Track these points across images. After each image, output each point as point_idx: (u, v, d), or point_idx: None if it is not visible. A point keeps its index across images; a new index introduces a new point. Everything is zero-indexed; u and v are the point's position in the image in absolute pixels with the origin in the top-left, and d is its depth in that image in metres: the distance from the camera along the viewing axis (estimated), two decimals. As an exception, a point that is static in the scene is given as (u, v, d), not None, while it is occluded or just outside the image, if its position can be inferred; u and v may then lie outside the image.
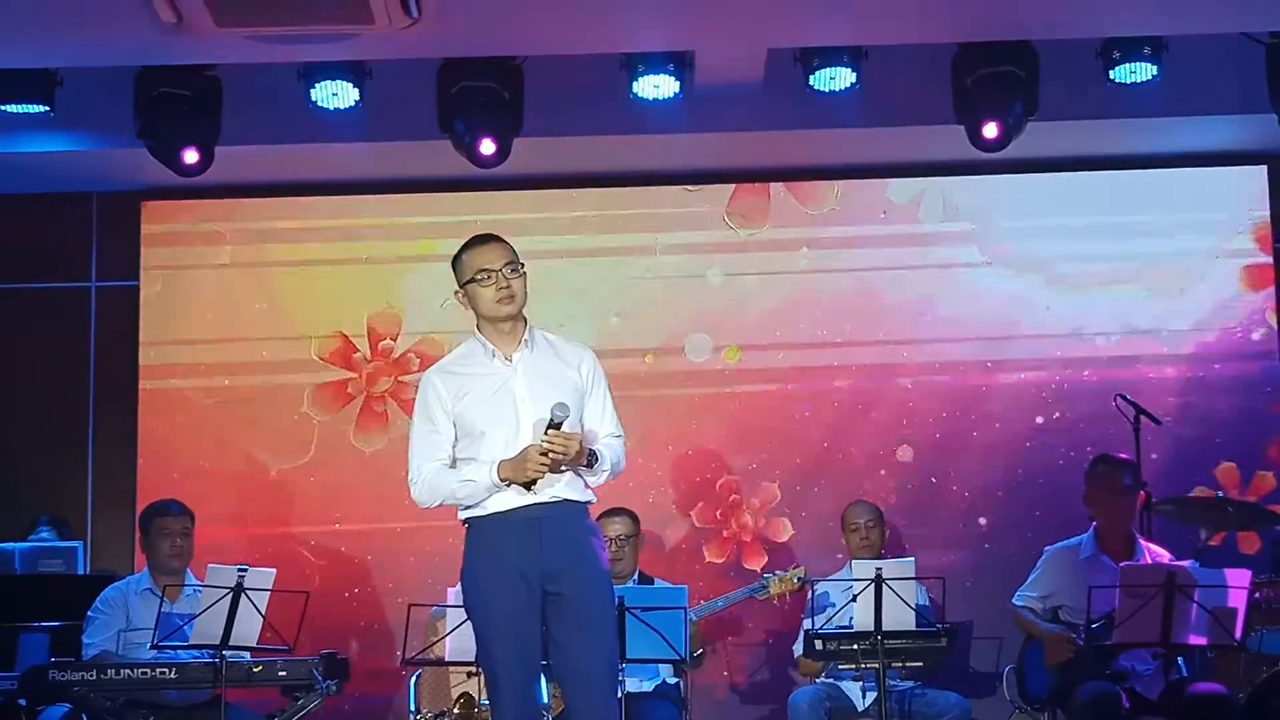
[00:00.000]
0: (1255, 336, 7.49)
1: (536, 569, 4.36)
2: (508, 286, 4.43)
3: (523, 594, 4.36)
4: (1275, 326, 7.48)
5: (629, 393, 6.99)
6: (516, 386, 4.43)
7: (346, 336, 7.59)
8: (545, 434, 4.30)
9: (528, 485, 4.34)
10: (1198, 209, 7.52)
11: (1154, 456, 7.03)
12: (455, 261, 4.52)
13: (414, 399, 4.54)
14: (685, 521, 7.48)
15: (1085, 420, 7.38)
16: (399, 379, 7.55)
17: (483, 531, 4.43)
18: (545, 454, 4.29)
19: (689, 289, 7.57)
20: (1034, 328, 7.52)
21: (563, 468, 4.36)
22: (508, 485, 4.37)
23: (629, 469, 4.72)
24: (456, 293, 4.51)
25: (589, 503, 4.50)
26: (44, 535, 7.24)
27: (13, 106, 6.76)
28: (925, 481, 7.45)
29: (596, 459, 4.42)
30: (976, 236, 7.58)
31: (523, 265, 4.49)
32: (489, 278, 4.44)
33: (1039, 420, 7.46)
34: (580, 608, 4.37)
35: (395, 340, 7.58)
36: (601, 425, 4.54)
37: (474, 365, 4.49)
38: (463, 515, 4.48)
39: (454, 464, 4.47)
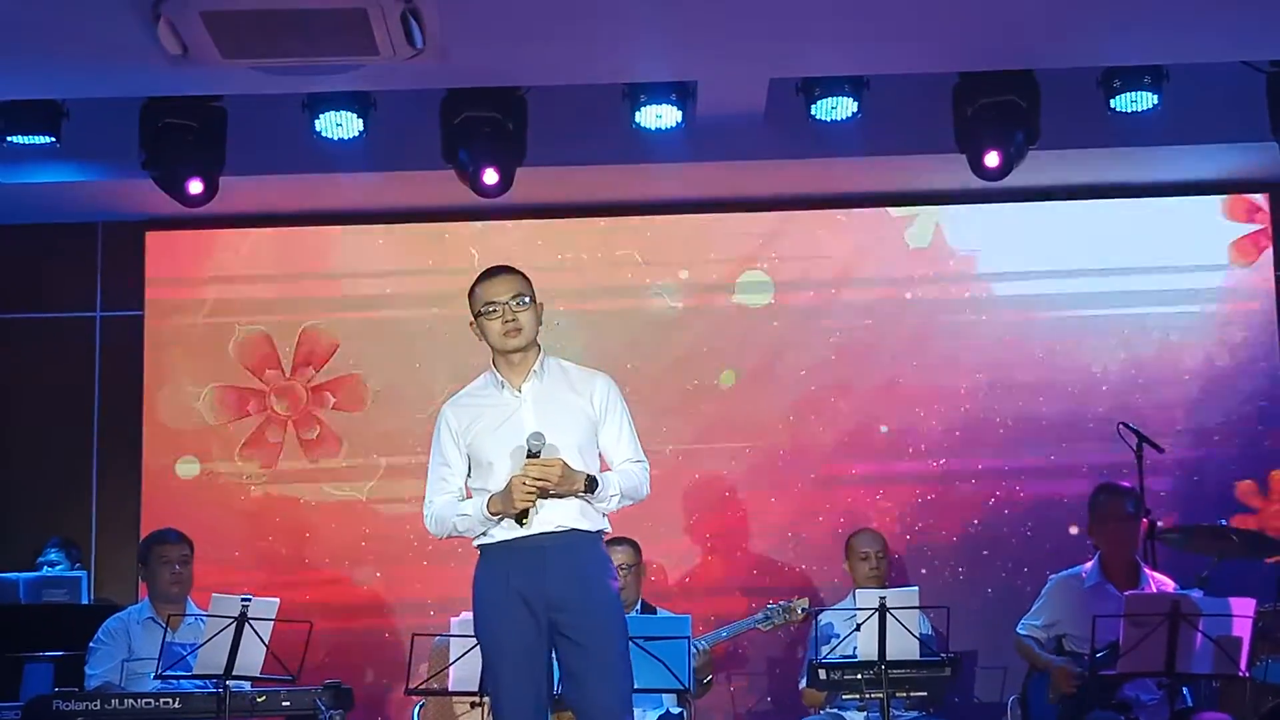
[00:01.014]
0: (1258, 365, 7.49)
1: (541, 597, 4.38)
2: (514, 319, 4.46)
3: (528, 621, 4.37)
4: (1278, 353, 7.49)
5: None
6: (525, 417, 4.45)
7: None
8: (525, 463, 4.33)
9: (519, 518, 4.36)
10: (1199, 236, 7.54)
11: (1161, 493, 7.03)
12: (469, 293, 4.56)
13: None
14: (693, 551, 7.48)
15: (1088, 448, 7.38)
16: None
17: (491, 559, 4.46)
18: (525, 483, 4.31)
19: (693, 317, 7.60)
20: (1036, 355, 7.53)
21: (552, 494, 4.35)
22: (499, 519, 4.39)
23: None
24: (471, 324, 4.55)
25: (600, 531, 4.50)
26: (52, 557, 7.24)
27: (19, 137, 6.79)
28: (928, 509, 7.45)
29: (596, 485, 4.41)
30: (977, 265, 7.59)
31: (532, 298, 4.51)
32: (495, 310, 4.47)
33: (1042, 447, 7.46)
34: (588, 637, 4.37)
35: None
36: (618, 451, 4.54)
37: (485, 397, 4.53)
38: (475, 542, 4.51)
39: (468, 495, 4.51)
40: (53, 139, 6.80)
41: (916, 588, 6.10)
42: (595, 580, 4.42)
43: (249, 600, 5.58)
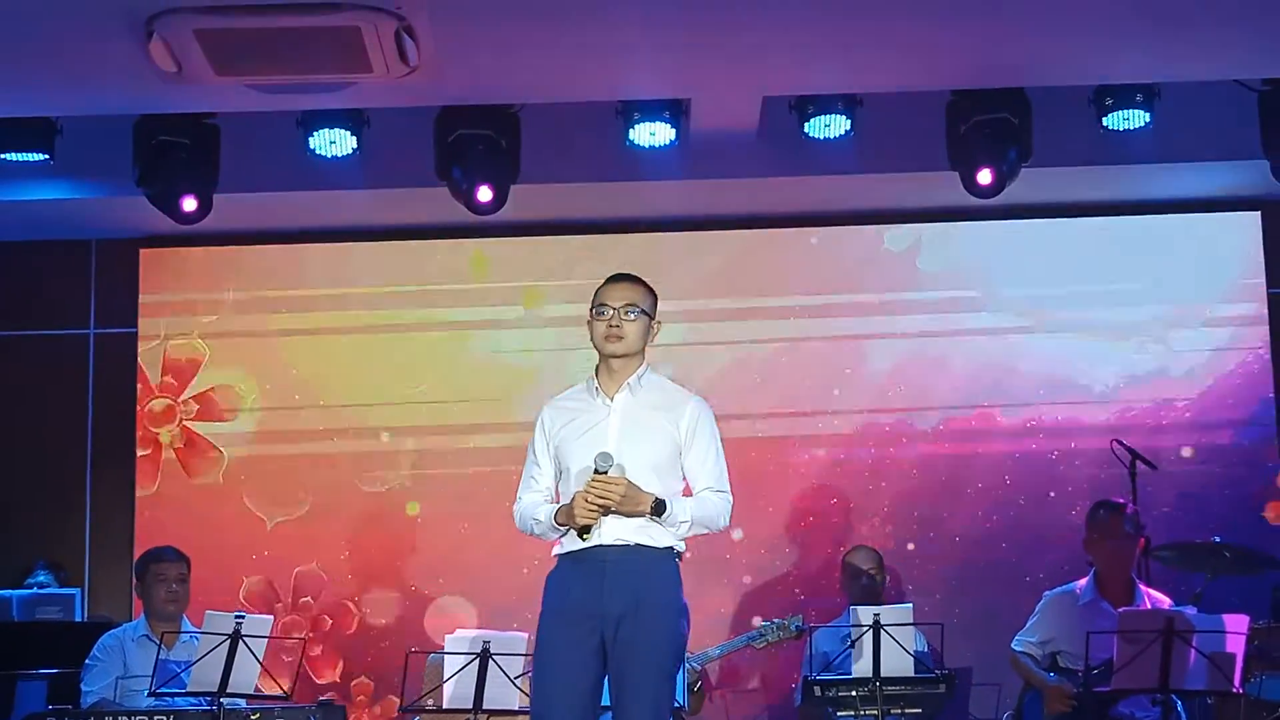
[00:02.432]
0: (1254, 381, 7.51)
1: (598, 610, 4.37)
2: (618, 326, 4.48)
3: (583, 634, 4.37)
4: (1271, 372, 7.50)
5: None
6: (610, 427, 4.46)
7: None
8: (589, 480, 4.35)
9: (581, 533, 4.38)
10: (1192, 255, 7.56)
11: (1157, 510, 7.03)
12: (594, 293, 4.58)
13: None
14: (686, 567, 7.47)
15: (1083, 465, 7.39)
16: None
17: (560, 569, 4.49)
18: (587, 499, 4.33)
19: (686, 334, 7.61)
20: (1030, 373, 7.54)
21: (614, 513, 4.35)
22: (565, 530, 4.42)
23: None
24: (588, 321, 4.57)
25: (669, 548, 4.45)
26: (41, 579, 7.23)
27: (13, 155, 6.80)
28: (924, 525, 7.45)
29: (664, 508, 4.39)
30: (971, 282, 7.61)
31: (646, 312, 4.50)
32: (604, 313, 4.51)
33: (1037, 465, 7.47)
34: (634, 649, 4.36)
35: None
36: (700, 477, 4.51)
37: (579, 402, 4.56)
38: (552, 551, 4.52)
39: (557, 496, 4.53)
40: (46, 156, 6.81)
41: (911, 604, 6.11)
42: (652, 595, 4.39)
43: (243, 617, 5.59)
